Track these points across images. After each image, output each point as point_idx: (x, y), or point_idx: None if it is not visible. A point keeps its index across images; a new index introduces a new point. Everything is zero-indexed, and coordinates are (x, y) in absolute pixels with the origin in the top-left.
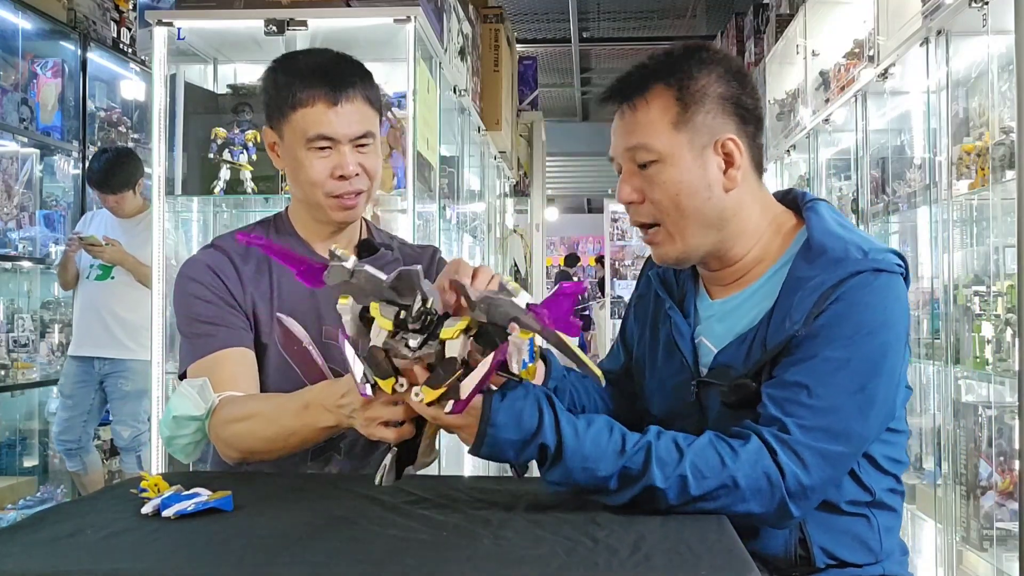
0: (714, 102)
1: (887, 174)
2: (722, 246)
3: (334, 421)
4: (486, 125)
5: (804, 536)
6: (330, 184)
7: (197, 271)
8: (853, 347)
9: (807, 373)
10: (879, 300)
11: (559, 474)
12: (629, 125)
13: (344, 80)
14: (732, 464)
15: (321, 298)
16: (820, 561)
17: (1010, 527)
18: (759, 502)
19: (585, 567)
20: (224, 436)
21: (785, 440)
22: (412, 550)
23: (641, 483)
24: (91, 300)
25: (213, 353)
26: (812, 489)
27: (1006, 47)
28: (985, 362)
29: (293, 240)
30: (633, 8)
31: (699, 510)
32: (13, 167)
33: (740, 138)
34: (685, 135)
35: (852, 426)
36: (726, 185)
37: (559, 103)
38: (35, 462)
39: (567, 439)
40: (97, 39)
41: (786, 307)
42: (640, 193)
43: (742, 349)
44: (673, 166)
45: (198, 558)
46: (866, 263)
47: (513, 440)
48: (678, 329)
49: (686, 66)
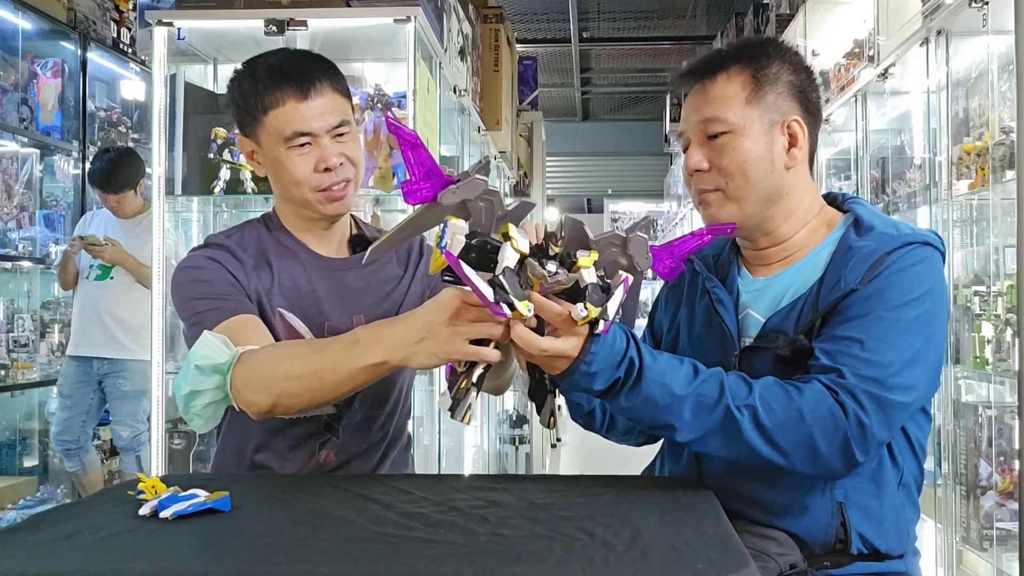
0: (784, 86)
1: (887, 174)
2: (772, 222)
3: (383, 356)
4: (486, 125)
5: (845, 520)
6: (315, 179)
7: (198, 262)
8: (903, 310)
9: (860, 330)
10: (927, 270)
11: (636, 395)
12: (705, 99)
13: (309, 74)
14: (799, 399)
15: (322, 292)
16: (855, 548)
17: (1010, 527)
18: (825, 439)
19: (582, 563)
20: (254, 378)
21: (842, 384)
22: (409, 548)
23: (718, 411)
24: (90, 300)
25: (226, 320)
26: (871, 431)
27: (1006, 47)
28: (985, 362)
29: (286, 237)
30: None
31: (771, 447)
32: (13, 167)
33: (803, 123)
34: (756, 111)
35: (903, 380)
36: (787, 163)
37: (559, 103)
38: (35, 462)
39: (646, 359)
40: (97, 39)
41: (838, 271)
42: (709, 162)
43: (792, 314)
44: (744, 137)
45: (196, 559)
46: (915, 236)
47: (608, 361)
48: (720, 302)
49: (762, 51)
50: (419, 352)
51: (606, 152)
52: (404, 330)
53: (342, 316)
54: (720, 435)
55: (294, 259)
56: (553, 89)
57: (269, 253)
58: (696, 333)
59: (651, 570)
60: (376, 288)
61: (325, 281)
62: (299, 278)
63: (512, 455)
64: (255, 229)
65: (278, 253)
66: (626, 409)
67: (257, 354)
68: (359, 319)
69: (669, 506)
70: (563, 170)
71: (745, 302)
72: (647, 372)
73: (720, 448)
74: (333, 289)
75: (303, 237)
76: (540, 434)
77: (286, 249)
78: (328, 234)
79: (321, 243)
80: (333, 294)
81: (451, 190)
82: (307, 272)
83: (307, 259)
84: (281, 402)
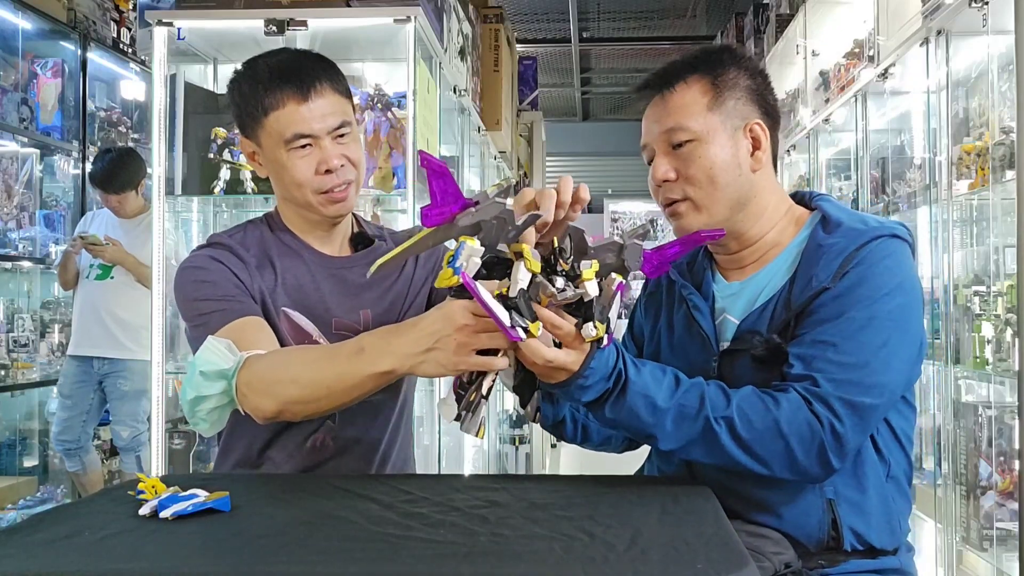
0: (743, 91)
1: (887, 174)
2: (742, 225)
3: (391, 365)
4: (486, 125)
5: (835, 517)
6: (316, 181)
7: (202, 262)
8: (875, 306)
9: (832, 332)
10: (896, 263)
11: (620, 406)
12: (666, 109)
13: (309, 75)
14: (775, 411)
15: (326, 290)
16: (848, 544)
17: (1010, 527)
18: (802, 448)
19: (582, 563)
20: (260, 384)
21: (816, 392)
22: (409, 548)
23: (698, 423)
24: (90, 300)
25: (231, 323)
26: (845, 439)
27: (1006, 47)
28: (985, 362)
29: (289, 238)
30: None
31: (749, 457)
32: (13, 167)
33: (764, 126)
34: (718, 116)
35: (878, 379)
36: (752, 166)
37: (559, 103)
38: (35, 462)
39: (631, 373)
40: (97, 39)
41: (809, 269)
42: (675, 172)
43: (765, 314)
44: (710, 144)
45: (195, 558)
46: (883, 229)
47: (601, 374)
48: (697, 308)
49: (718, 59)
50: (427, 362)
51: (606, 152)
52: (412, 340)
53: (348, 312)
54: (701, 444)
55: (297, 258)
56: (553, 89)
57: (272, 252)
58: (677, 340)
59: (651, 570)
60: (379, 282)
61: (329, 279)
62: (303, 277)
63: (512, 455)
64: (257, 229)
65: (281, 253)
66: (610, 419)
67: (263, 360)
68: (366, 314)
69: (669, 506)
70: (563, 170)
71: (721, 307)
72: (631, 385)
73: (703, 456)
74: (337, 287)
75: (306, 237)
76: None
77: (289, 249)
78: (330, 234)
79: (324, 242)
80: (338, 292)
81: (469, 212)
82: (311, 271)
83: (310, 258)
84: (287, 408)
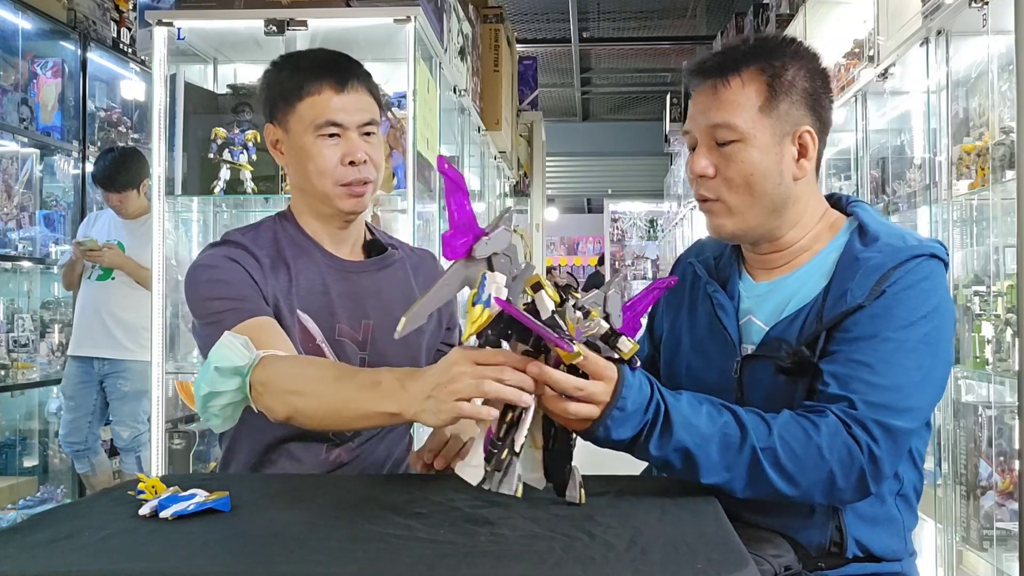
0: (799, 94)
1: (887, 174)
2: (777, 231)
3: (398, 408)
4: (486, 125)
5: (841, 524)
6: (340, 171)
7: (216, 261)
8: (911, 329)
9: (868, 352)
10: (932, 287)
11: (667, 439)
12: (717, 102)
13: (349, 71)
14: (817, 437)
15: (335, 294)
16: (850, 552)
17: (1010, 527)
18: (843, 474)
19: (582, 562)
20: (274, 387)
21: (854, 415)
22: (409, 548)
23: (745, 452)
24: (91, 300)
25: (245, 321)
26: (882, 463)
27: (1006, 47)
28: (985, 362)
29: (302, 237)
30: (633, 8)
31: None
32: (13, 167)
33: (814, 132)
34: (768, 120)
35: (912, 403)
36: (796, 174)
37: (559, 103)
38: (35, 462)
39: (669, 400)
40: (97, 39)
41: (844, 283)
42: (714, 168)
43: (795, 324)
44: (754, 147)
45: (195, 559)
46: (922, 248)
47: (638, 404)
48: (722, 307)
49: (780, 53)
50: (425, 411)
51: (606, 152)
52: (419, 386)
53: (352, 319)
54: (745, 476)
55: (310, 259)
56: (553, 89)
57: (286, 253)
58: (698, 339)
59: (651, 570)
60: (388, 291)
61: (339, 283)
62: (315, 279)
63: None
64: (271, 228)
65: (295, 253)
66: (656, 457)
67: (280, 364)
68: (367, 327)
69: (669, 506)
70: (563, 170)
71: (747, 308)
72: (674, 414)
73: (743, 489)
74: (346, 291)
75: (318, 237)
76: None
77: (302, 249)
78: (343, 235)
79: (336, 244)
80: (346, 296)
81: (484, 241)
82: (322, 273)
83: (322, 260)
84: (296, 418)
